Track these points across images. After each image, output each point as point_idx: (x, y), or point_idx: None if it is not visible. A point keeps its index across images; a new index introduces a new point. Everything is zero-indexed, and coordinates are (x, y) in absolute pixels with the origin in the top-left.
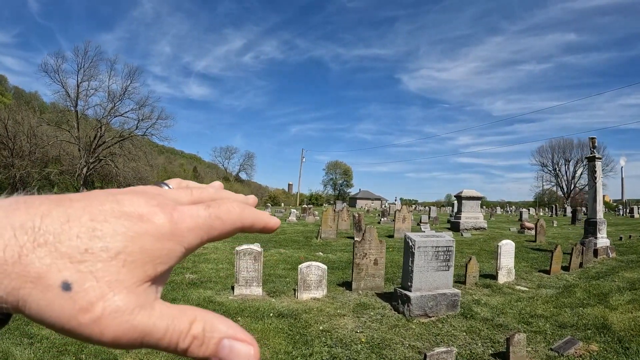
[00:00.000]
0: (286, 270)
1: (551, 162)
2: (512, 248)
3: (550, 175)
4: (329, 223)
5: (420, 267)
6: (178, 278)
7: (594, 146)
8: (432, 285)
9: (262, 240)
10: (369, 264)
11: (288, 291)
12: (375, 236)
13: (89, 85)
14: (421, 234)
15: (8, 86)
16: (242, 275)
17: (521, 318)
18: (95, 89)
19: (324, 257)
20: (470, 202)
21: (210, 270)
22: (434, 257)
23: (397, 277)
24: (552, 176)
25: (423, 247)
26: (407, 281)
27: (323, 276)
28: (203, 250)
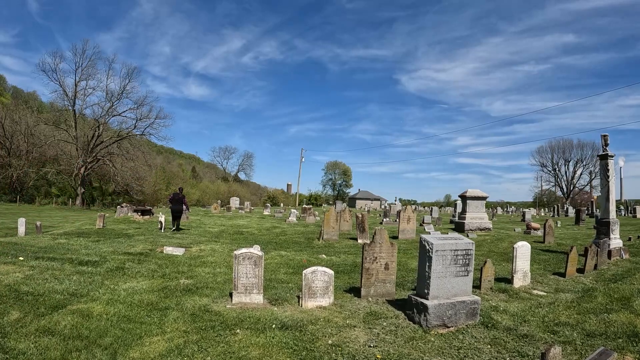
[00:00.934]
0: (288, 274)
1: (551, 163)
2: (528, 250)
3: (549, 176)
4: (331, 224)
5: (438, 272)
6: (172, 284)
7: (606, 143)
8: (450, 292)
9: (261, 241)
10: (380, 268)
11: (291, 299)
12: (387, 238)
13: (86, 85)
14: (438, 236)
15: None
16: (241, 281)
17: (545, 327)
18: (93, 88)
19: (327, 260)
20: (475, 202)
21: (207, 274)
22: (453, 262)
23: (406, 281)
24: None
25: (441, 251)
26: (423, 288)
27: (330, 282)
28: (200, 253)
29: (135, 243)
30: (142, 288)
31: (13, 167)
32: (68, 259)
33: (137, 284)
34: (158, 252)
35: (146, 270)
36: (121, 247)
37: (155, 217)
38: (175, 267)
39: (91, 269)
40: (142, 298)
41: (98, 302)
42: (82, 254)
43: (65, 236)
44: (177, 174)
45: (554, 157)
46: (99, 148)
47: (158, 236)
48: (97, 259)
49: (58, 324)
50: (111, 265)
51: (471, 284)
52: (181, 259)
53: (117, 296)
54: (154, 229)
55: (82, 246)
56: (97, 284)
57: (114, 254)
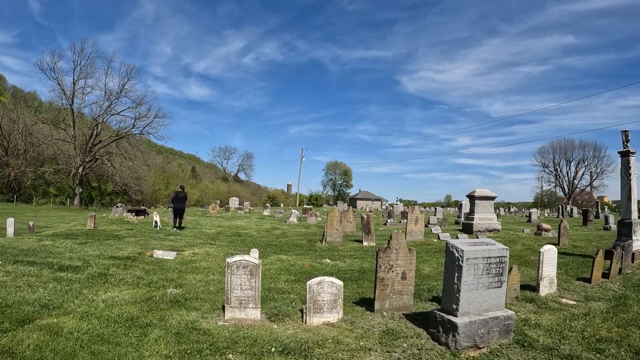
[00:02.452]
0: (289, 283)
1: (552, 163)
2: (555, 255)
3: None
4: (334, 225)
5: (469, 284)
6: (158, 294)
7: (627, 139)
8: (481, 306)
9: (260, 244)
10: (396, 278)
11: (293, 313)
12: (404, 243)
13: (85, 83)
14: (468, 242)
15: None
16: (235, 294)
17: (587, 344)
18: (91, 87)
19: (332, 265)
20: (483, 202)
21: (198, 282)
22: (485, 271)
23: (421, 290)
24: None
25: (473, 259)
26: (450, 303)
27: (338, 295)
28: (193, 258)
29: (124, 246)
30: (123, 299)
31: (10, 167)
32: (48, 263)
33: (119, 294)
34: (147, 256)
35: (131, 278)
36: (108, 250)
37: (150, 217)
38: (163, 273)
39: (71, 275)
40: (121, 311)
41: (71, 315)
42: (65, 258)
43: (52, 238)
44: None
45: (555, 157)
46: (98, 147)
47: (150, 238)
48: (80, 263)
49: (21, 343)
50: (93, 271)
51: (504, 297)
52: (171, 264)
53: (94, 309)
54: (147, 230)
55: (67, 249)
56: (74, 293)
57: (99, 258)
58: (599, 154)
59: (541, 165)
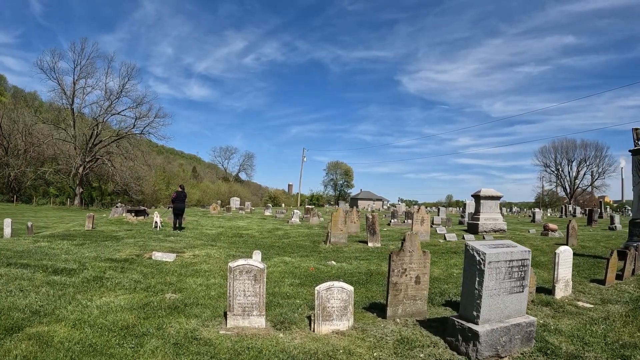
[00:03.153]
0: (294, 287)
1: (554, 163)
2: (571, 256)
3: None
4: (338, 226)
5: (491, 289)
6: (156, 299)
7: (638, 137)
8: (503, 313)
9: (262, 245)
10: (410, 282)
11: (300, 321)
12: (418, 246)
13: (85, 83)
14: (488, 244)
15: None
16: (237, 301)
17: (612, 351)
18: (92, 86)
19: (337, 268)
20: (489, 201)
21: (198, 287)
22: (507, 276)
23: (434, 294)
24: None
25: (495, 262)
26: (470, 310)
27: (349, 301)
28: (193, 260)
29: (122, 247)
30: (119, 305)
31: (11, 167)
32: (42, 266)
33: (115, 299)
34: (145, 259)
35: (128, 281)
36: (106, 251)
37: (150, 217)
38: (162, 277)
39: (65, 278)
40: (117, 319)
41: (63, 323)
42: (60, 260)
43: (48, 239)
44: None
45: (557, 157)
46: (98, 147)
47: (149, 239)
48: (75, 266)
49: (8, 353)
50: (89, 275)
51: (526, 302)
52: (171, 267)
53: (88, 315)
54: (147, 230)
55: (63, 250)
56: (68, 298)
57: (95, 260)
58: (601, 153)
59: (543, 165)
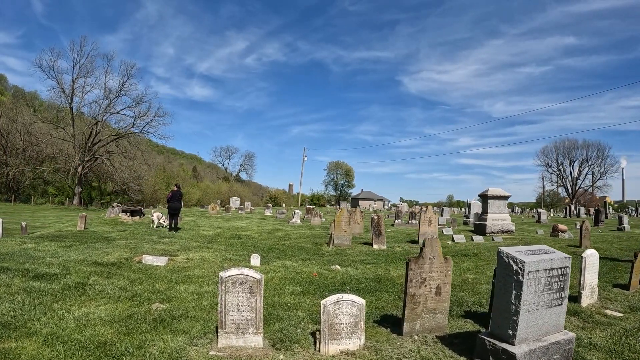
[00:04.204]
0: (296, 295)
1: (556, 163)
2: (597, 260)
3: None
4: (342, 227)
5: (530, 304)
6: (141, 310)
7: None
8: (540, 330)
9: (262, 248)
10: (429, 294)
11: (304, 339)
12: (440, 252)
13: (85, 82)
14: (523, 250)
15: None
16: (230, 316)
17: None
18: (91, 85)
19: (342, 273)
20: (496, 201)
21: (189, 295)
22: (547, 287)
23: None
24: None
25: (534, 272)
26: (505, 327)
27: (359, 317)
28: (186, 264)
29: (112, 249)
30: (99, 317)
31: (9, 166)
32: (23, 270)
33: (95, 310)
34: (135, 262)
35: (112, 289)
36: (94, 254)
37: (146, 217)
38: (151, 283)
39: (45, 285)
40: (94, 334)
41: (34, 338)
42: (44, 264)
43: (36, 240)
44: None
45: (558, 157)
46: (97, 147)
47: (142, 240)
48: (58, 270)
49: None
50: (71, 281)
51: (564, 316)
52: (161, 272)
53: (63, 330)
54: (141, 231)
55: (49, 253)
56: (44, 308)
57: (81, 264)
58: (603, 153)
59: (545, 165)
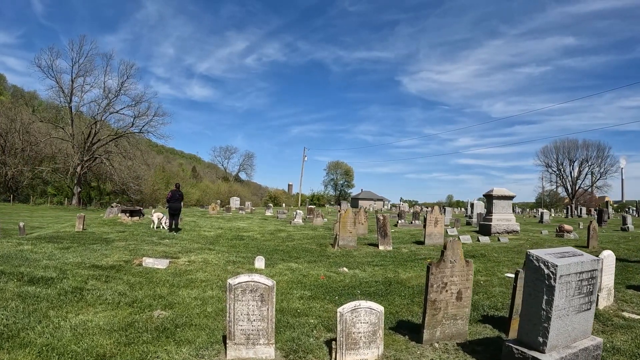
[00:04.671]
0: (305, 300)
1: (556, 163)
2: (614, 261)
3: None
4: (347, 228)
5: (560, 309)
6: (142, 318)
7: None
8: (570, 336)
9: (265, 249)
10: (450, 299)
11: (318, 348)
12: (461, 255)
13: (84, 81)
14: (551, 252)
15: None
16: (240, 326)
17: None
18: (90, 84)
19: (351, 275)
20: (501, 201)
21: (193, 301)
22: (577, 291)
23: None
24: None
25: (566, 276)
26: (535, 334)
27: (378, 325)
28: (188, 267)
29: (111, 251)
30: (97, 325)
31: (8, 166)
32: (18, 274)
33: (93, 318)
34: (135, 265)
35: (112, 294)
36: (92, 256)
37: (146, 217)
38: (152, 288)
39: (40, 290)
40: (92, 345)
41: (28, 349)
42: (40, 267)
43: (33, 241)
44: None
45: (558, 157)
46: (96, 146)
47: (142, 242)
48: (55, 274)
49: None
50: (68, 285)
51: (592, 320)
52: (162, 276)
53: (59, 340)
54: (141, 232)
55: (45, 255)
56: (39, 315)
57: (78, 267)
58: (603, 153)
59: (545, 165)
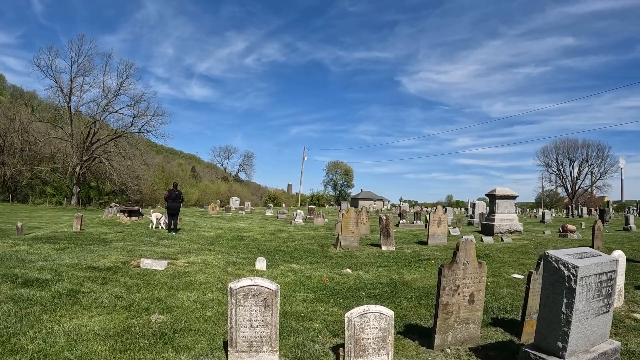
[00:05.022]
0: (309, 303)
1: (555, 163)
2: (624, 262)
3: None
4: (350, 228)
5: (581, 312)
6: (139, 322)
7: None
8: (589, 340)
9: (266, 250)
10: (462, 302)
11: (324, 355)
12: (474, 256)
13: (83, 81)
14: (570, 253)
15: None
16: (242, 333)
17: None
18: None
19: (355, 277)
20: (504, 201)
21: (192, 304)
22: (596, 293)
23: None
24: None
25: (586, 278)
26: (554, 339)
27: (388, 330)
28: (187, 268)
29: (108, 252)
30: (92, 330)
31: (7, 166)
32: (12, 275)
33: (88, 322)
34: (132, 267)
35: (108, 297)
36: (89, 257)
37: (145, 218)
38: (149, 290)
39: (34, 292)
40: (86, 351)
41: (19, 356)
42: (35, 269)
43: (29, 242)
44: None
45: (558, 157)
46: (95, 146)
47: (140, 242)
48: (50, 276)
49: None
50: (63, 288)
51: (610, 323)
52: (160, 277)
53: (51, 346)
54: (139, 232)
55: (41, 256)
56: (32, 320)
57: (74, 268)
58: (603, 153)
59: (544, 165)
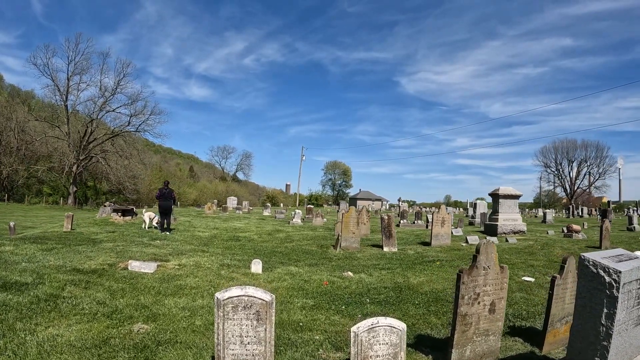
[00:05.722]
0: (308, 310)
1: (554, 163)
2: None
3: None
4: (350, 228)
5: (622, 323)
6: (119, 332)
7: None
8: (627, 353)
9: (263, 251)
10: (482, 312)
11: None
12: (495, 260)
13: (80, 80)
14: (607, 255)
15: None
16: (231, 351)
17: None
18: (86, 83)
19: (357, 281)
20: (507, 201)
21: (180, 312)
22: (637, 301)
23: None
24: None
25: (628, 284)
26: (591, 354)
27: (399, 346)
28: (178, 271)
29: (96, 253)
30: (68, 340)
31: (3, 165)
32: None
33: (65, 332)
34: (120, 269)
35: (89, 303)
36: (75, 259)
37: (139, 218)
38: (135, 296)
39: (12, 297)
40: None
41: None
42: (17, 271)
43: (16, 242)
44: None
45: (557, 157)
46: (92, 145)
47: (131, 243)
48: (31, 279)
49: None
50: (42, 292)
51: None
52: (148, 281)
53: (21, 358)
54: (131, 232)
55: (26, 257)
56: (4, 328)
57: (58, 270)
58: (601, 154)
59: (543, 165)
